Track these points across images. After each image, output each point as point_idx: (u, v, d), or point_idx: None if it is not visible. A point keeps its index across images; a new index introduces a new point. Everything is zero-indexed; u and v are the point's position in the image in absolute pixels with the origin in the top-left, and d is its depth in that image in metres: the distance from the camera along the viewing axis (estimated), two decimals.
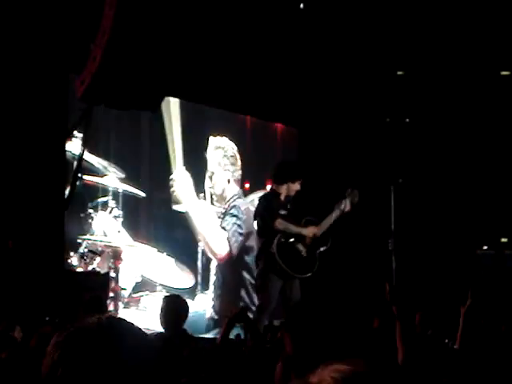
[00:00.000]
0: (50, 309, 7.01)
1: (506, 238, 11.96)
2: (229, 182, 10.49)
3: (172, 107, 10.44)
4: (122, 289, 9.50)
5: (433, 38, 11.41)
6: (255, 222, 8.83)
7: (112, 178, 9.69)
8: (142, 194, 10.12)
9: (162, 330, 5.85)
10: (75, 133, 8.60)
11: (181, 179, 10.47)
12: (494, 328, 6.23)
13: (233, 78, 10.65)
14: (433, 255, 11.54)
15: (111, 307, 8.90)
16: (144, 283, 9.94)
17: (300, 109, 11.38)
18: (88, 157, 9.14)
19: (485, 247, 11.71)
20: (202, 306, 10.38)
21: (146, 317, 9.32)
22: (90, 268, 9.10)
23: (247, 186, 10.95)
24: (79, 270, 9.05)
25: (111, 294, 8.97)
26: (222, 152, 10.62)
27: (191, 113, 10.93)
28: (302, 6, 10.85)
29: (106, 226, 9.54)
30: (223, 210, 10.49)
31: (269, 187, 9.63)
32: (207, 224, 10.63)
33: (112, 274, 9.19)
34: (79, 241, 9.26)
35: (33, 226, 7.93)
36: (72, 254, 9.13)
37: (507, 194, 11.84)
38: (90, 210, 9.46)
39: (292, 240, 8.24)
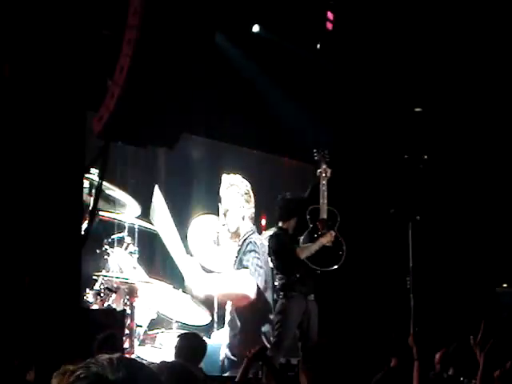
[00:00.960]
0: (66, 347, 6.97)
1: None
2: (243, 219, 10.46)
3: None
4: (138, 326, 9.44)
5: (451, 75, 11.41)
6: (270, 260, 8.89)
7: (128, 214, 9.69)
8: (158, 230, 10.10)
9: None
10: (92, 169, 8.62)
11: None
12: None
13: (249, 113, 10.71)
14: (451, 293, 11.43)
15: (126, 344, 8.85)
16: (159, 320, 9.88)
17: (318, 145, 11.38)
18: (107, 191, 9.17)
19: (504, 285, 11.60)
20: (219, 344, 10.27)
21: (162, 354, 9.24)
22: (105, 305, 9.07)
23: (263, 222, 10.90)
24: (95, 307, 9.02)
25: (127, 331, 8.91)
26: (236, 189, 10.60)
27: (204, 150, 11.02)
28: (318, 46, 10.89)
29: (121, 263, 9.51)
30: (238, 246, 10.43)
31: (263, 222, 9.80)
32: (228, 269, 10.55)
33: (127, 311, 9.14)
34: (95, 277, 9.24)
35: (49, 263, 7.91)
36: (88, 290, 9.11)
37: None
38: (106, 247, 9.45)
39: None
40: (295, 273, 8.49)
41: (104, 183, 8.46)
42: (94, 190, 8.55)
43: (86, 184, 8.77)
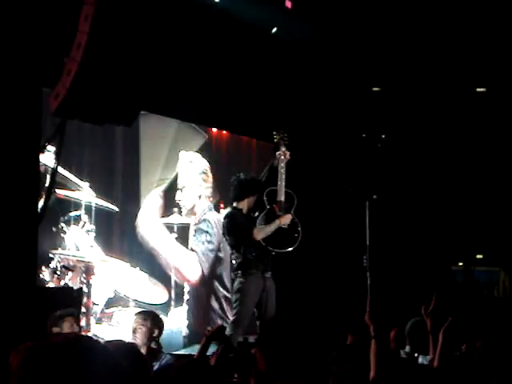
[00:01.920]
0: (21, 326, 6.92)
1: (481, 254, 12.01)
2: (200, 197, 10.49)
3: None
4: (95, 304, 9.42)
5: (408, 54, 11.47)
6: (225, 239, 8.94)
7: (85, 192, 9.62)
8: (115, 209, 10.06)
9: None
10: (48, 147, 8.53)
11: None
12: (470, 345, 6.23)
13: (208, 93, 10.65)
14: (408, 271, 11.55)
15: (83, 323, 8.82)
16: (117, 298, 9.87)
17: (276, 124, 11.38)
18: (61, 170, 9.08)
19: (460, 263, 11.75)
20: (176, 323, 10.31)
21: (119, 332, 9.24)
22: (62, 283, 9.02)
23: (222, 202, 10.93)
24: (51, 285, 8.96)
25: (83, 310, 8.88)
26: (194, 167, 10.61)
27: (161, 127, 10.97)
28: (274, 30, 10.87)
29: (78, 241, 9.46)
30: (194, 225, 10.46)
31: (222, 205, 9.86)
32: (174, 248, 10.59)
33: (84, 289, 9.10)
34: (51, 255, 9.18)
35: (4, 241, 7.83)
36: (44, 268, 9.05)
37: (482, 211, 11.89)
38: (63, 225, 9.38)
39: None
40: (252, 251, 8.52)
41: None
42: (50, 169, 8.47)
43: (43, 162, 8.69)
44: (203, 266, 10.73)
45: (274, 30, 10.67)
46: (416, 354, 6.75)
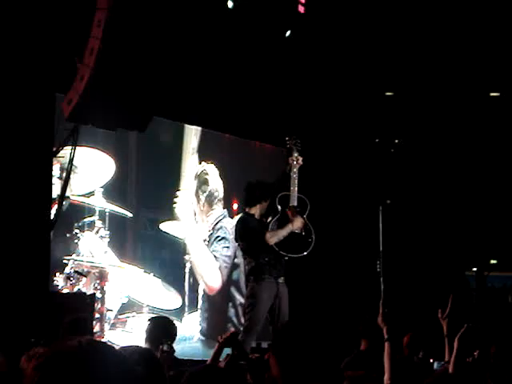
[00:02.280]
0: (34, 331, 6.94)
1: (495, 259, 11.96)
2: (211, 205, 10.48)
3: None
4: (108, 310, 9.42)
5: (422, 59, 11.45)
6: (238, 245, 8.95)
7: (98, 197, 9.63)
8: (129, 214, 10.07)
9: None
10: (61, 152, 8.55)
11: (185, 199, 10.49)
12: (484, 350, 6.19)
13: (220, 98, 10.65)
14: (421, 277, 11.51)
15: (97, 328, 8.83)
16: (130, 304, 9.87)
17: (289, 129, 11.38)
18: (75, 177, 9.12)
19: (474, 269, 11.70)
20: (190, 328, 10.30)
21: (132, 338, 9.24)
22: (75, 289, 9.03)
23: (235, 206, 10.91)
24: (65, 291, 8.98)
25: (97, 315, 8.89)
26: (199, 178, 10.68)
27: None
28: (288, 33, 10.86)
29: (92, 247, 9.47)
30: (209, 232, 10.45)
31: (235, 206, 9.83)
32: (203, 254, 10.60)
33: (98, 295, 9.11)
34: (65, 261, 9.19)
35: (18, 247, 7.85)
36: (58, 274, 9.06)
37: (496, 216, 11.84)
38: (76, 231, 9.40)
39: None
40: (264, 256, 8.50)
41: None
42: (63, 174, 8.49)
43: (56, 167, 8.71)
44: (222, 273, 10.75)
45: (288, 33, 10.66)
46: (432, 360, 6.72)
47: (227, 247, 10.64)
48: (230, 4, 10.29)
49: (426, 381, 5.06)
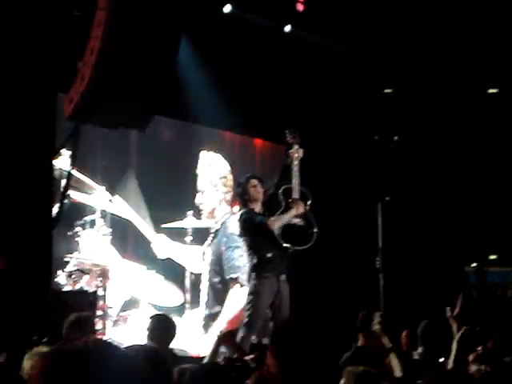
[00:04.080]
0: (36, 329, 6.98)
1: (495, 255, 11.99)
2: (220, 203, 10.37)
3: None
4: (110, 307, 9.45)
5: (420, 56, 11.47)
6: (243, 241, 8.95)
7: (100, 196, 9.66)
8: (130, 218, 10.08)
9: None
10: (62, 151, 8.59)
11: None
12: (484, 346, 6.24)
13: (220, 98, 10.69)
14: (420, 273, 11.54)
15: (99, 326, 8.86)
16: (132, 301, 9.89)
17: (288, 126, 11.41)
18: (77, 174, 9.13)
19: (473, 264, 11.72)
20: (191, 325, 10.31)
21: (135, 335, 9.26)
22: (77, 287, 9.07)
23: (236, 208, 10.87)
24: (67, 288, 9.01)
25: (99, 313, 8.93)
26: (214, 170, 10.45)
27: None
28: (287, 28, 10.90)
29: (93, 245, 9.50)
30: (214, 229, 10.37)
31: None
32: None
33: (100, 293, 9.15)
34: (67, 259, 9.23)
35: (20, 245, 7.89)
36: (59, 272, 9.10)
37: (495, 211, 11.87)
38: (78, 229, 9.44)
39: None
40: (268, 253, 8.53)
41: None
42: (64, 173, 8.53)
43: (57, 166, 8.75)
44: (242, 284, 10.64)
45: (288, 28, 10.71)
46: (433, 357, 6.73)
47: (242, 255, 10.18)
48: (228, 8, 10.35)
49: (426, 376, 5.10)
